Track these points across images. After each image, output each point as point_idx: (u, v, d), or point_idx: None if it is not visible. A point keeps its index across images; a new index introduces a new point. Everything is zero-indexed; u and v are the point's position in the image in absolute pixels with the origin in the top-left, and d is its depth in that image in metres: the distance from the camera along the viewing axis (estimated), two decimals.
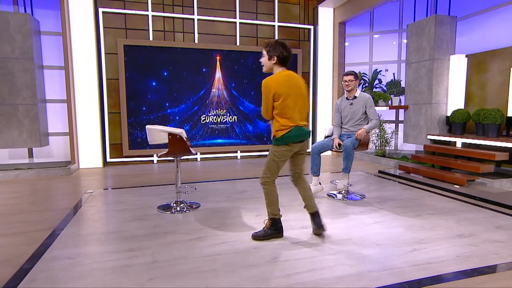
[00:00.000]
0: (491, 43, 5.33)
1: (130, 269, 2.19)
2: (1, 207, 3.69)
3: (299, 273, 2.13)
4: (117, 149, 6.36)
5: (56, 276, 2.12)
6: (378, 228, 2.96)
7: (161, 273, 2.13)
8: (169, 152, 3.29)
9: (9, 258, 2.41)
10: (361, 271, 2.17)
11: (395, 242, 2.63)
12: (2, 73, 5.31)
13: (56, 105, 6.06)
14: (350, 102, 4.02)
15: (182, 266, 2.23)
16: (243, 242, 2.64)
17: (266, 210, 2.76)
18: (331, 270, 2.18)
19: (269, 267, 2.22)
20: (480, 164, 4.42)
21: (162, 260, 2.31)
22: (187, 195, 4.04)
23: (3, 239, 2.76)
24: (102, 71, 6.16)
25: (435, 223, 3.05)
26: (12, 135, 5.44)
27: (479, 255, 2.38)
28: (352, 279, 2.07)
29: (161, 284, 2.00)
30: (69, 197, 4.08)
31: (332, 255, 2.40)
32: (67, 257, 2.38)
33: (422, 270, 2.18)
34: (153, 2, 6.34)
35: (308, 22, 7.43)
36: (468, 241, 2.63)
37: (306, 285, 1.98)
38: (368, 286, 1.98)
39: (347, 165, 3.82)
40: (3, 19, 5.24)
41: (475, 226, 2.98)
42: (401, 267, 2.22)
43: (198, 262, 2.29)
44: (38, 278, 2.10)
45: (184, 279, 2.06)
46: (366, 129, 3.83)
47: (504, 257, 2.36)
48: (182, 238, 2.72)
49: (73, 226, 3.03)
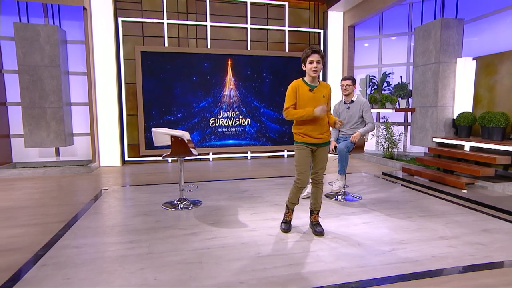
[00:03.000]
0: (501, 45, 5.20)
1: (126, 258, 2.42)
2: (27, 201, 4.06)
3: (276, 267, 2.28)
4: (134, 149, 6.73)
5: (63, 262, 2.38)
6: (365, 228, 3.05)
7: (152, 263, 2.35)
8: (172, 153, 3.53)
9: (27, 245, 2.71)
10: (335, 268, 2.29)
11: (376, 242, 2.72)
12: (33, 80, 5.77)
13: (79, 108, 6.49)
14: (348, 106, 4.10)
15: (173, 258, 2.44)
16: (232, 237, 2.82)
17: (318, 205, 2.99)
18: (307, 265, 2.31)
19: (250, 261, 2.38)
20: (480, 168, 4.36)
21: (156, 252, 2.53)
22: (192, 193, 4.27)
23: (25, 229, 3.09)
24: (121, 76, 6.54)
25: (422, 225, 3.10)
26: (41, 135, 5.90)
27: (455, 257, 2.43)
28: (325, 274, 2.19)
29: (150, 272, 2.22)
30: (87, 193, 4.42)
31: (313, 252, 2.53)
32: (75, 246, 2.65)
33: (394, 268, 2.27)
34: (168, 11, 6.64)
35: (318, 26, 7.49)
36: (449, 243, 2.68)
37: (279, 279, 2.13)
38: (337, 282, 2.10)
39: (341, 167, 3.91)
40: (35, 31, 5.70)
41: (462, 228, 3.00)
42: (375, 265, 2.32)
43: (188, 254, 2.50)
44: (48, 263, 2.37)
45: (171, 269, 2.26)
46: (361, 132, 3.90)
47: (479, 258, 2.40)
48: (178, 232, 2.94)
49: (85, 219, 3.32)
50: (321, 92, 2.81)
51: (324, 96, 2.82)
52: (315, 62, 2.69)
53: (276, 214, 3.42)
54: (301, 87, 2.78)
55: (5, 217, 3.44)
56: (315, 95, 2.78)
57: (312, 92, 2.77)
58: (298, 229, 3.01)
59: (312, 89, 2.78)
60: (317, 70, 2.71)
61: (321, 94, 2.80)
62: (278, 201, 3.94)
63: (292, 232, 2.93)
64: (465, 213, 3.44)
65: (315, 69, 2.70)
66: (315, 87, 2.79)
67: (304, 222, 3.17)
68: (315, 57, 2.69)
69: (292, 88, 2.79)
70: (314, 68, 2.70)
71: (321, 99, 2.80)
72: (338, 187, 3.97)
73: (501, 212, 3.44)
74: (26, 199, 4.16)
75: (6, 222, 3.30)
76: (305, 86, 2.78)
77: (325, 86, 2.87)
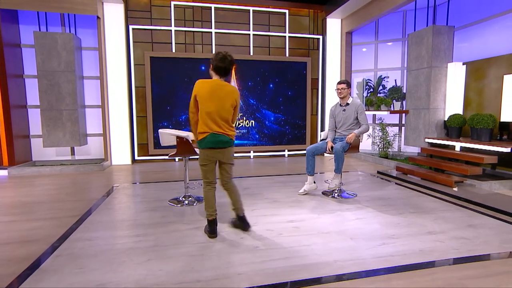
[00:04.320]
0: (489, 51, 5.18)
1: (134, 251, 2.47)
2: (45, 196, 4.14)
3: (273, 260, 2.32)
4: (143, 148, 6.80)
5: (77, 253, 2.44)
6: (358, 224, 3.07)
7: (158, 255, 2.40)
8: (177, 153, 3.57)
9: (44, 237, 2.78)
10: (328, 261, 2.32)
11: (368, 237, 2.74)
12: (51, 84, 5.86)
13: (93, 110, 6.57)
14: (343, 108, 4.11)
15: (177, 250, 2.48)
16: (232, 232, 2.86)
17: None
18: (301, 259, 2.35)
19: (249, 254, 2.42)
20: (469, 167, 4.36)
21: (161, 245, 2.58)
22: (196, 190, 4.31)
23: (42, 222, 3.16)
24: (131, 80, 6.61)
25: (412, 221, 3.11)
26: (58, 135, 5.99)
27: (441, 250, 2.45)
28: (318, 267, 2.22)
29: (155, 264, 2.27)
30: (99, 190, 4.49)
31: (307, 246, 2.56)
32: (87, 239, 2.71)
33: (384, 261, 2.29)
34: (175, 18, 6.69)
35: (317, 32, 7.50)
36: (436, 238, 2.70)
37: (275, 271, 2.17)
38: (330, 273, 2.13)
39: (337, 166, 3.93)
40: (53, 39, 5.79)
41: (449, 224, 3.01)
42: (365, 258, 2.35)
43: (191, 247, 2.54)
44: (62, 254, 2.43)
45: (175, 261, 2.31)
46: (356, 133, 3.91)
47: (463, 252, 2.42)
48: (183, 227, 2.98)
49: (97, 214, 3.38)
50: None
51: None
52: None
53: (275, 210, 3.46)
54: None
55: (25, 211, 3.52)
56: None
57: None
58: (294, 224, 3.04)
59: None
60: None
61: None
62: (278, 198, 3.97)
63: (288, 228, 2.96)
64: (453, 210, 3.45)
65: None
66: None
67: (300, 218, 3.20)
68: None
69: None
70: None
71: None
72: (334, 185, 4.00)
73: (487, 209, 3.45)
74: (44, 194, 4.24)
75: (26, 215, 3.37)
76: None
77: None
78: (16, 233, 2.88)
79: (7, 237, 2.80)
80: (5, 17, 5.74)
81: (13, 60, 5.94)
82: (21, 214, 3.42)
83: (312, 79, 7.50)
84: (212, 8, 6.83)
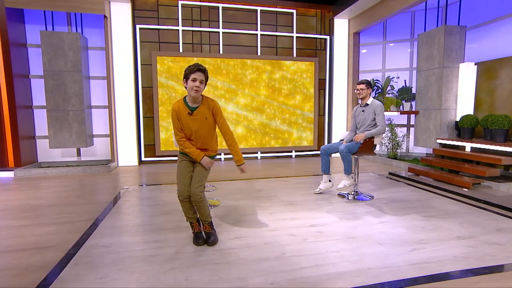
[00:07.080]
0: (501, 51, 5.07)
1: (155, 258, 2.32)
2: (54, 199, 3.97)
3: (303, 268, 2.18)
4: (150, 149, 6.63)
5: (94, 261, 2.28)
6: (382, 228, 2.94)
7: (181, 264, 2.24)
8: None
9: (59, 243, 2.62)
10: (361, 268, 2.18)
11: (396, 242, 2.60)
12: (57, 84, 5.68)
13: (99, 110, 6.39)
14: (362, 109, 3.99)
15: (200, 258, 2.33)
16: (255, 237, 2.71)
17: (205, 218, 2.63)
18: (333, 266, 2.21)
19: (277, 261, 2.28)
20: (486, 168, 4.24)
21: (183, 252, 2.43)
22: (210, 193, 4.16)
23: (55, 227, 2.99)
24: (138, 80, 6.44)
25: (437, 225, 2.98)
26: (64, 136, 5.82)
27: (476, 256, 2.32)
28: (352, 275, 2.09)
29: (181, 273, 2.11)
30: (108, 192, 4.32)
31: (336, 252, 2.42)
32: (104, 245, 2.55)
33: (419, 269, 2.16)
34: (183, 18, 6.53)
35: (325, 33, 7.37)
36: (467, 243, 2.57)
37: (308, 280, 2.03)
38: (365, 283, 1.99)
39: (345, 167, 3.82)
40: (59, 38, 5.61)
41: (476, 228, 2.89)
42: (399, 265, 2.21)
43: (214, 254, 2.39)
44: (80, 262, 2.27)
45: (201, 270, 2.16)
46: (366, 134, 3.79)
47: (501, 259, 2.28)
48: None
49: (110, 218, 3.22)
50: (203, 114, 2.49)
51: (206, 118, 2.50)
52: (198, 81, 2.38)
53: (294, 214, 3.31)
54: (181, 110, 2.48)
55: (36, 215, 3.35)
56: (196, 117, 2.48)
57: (191, 115, 2.48)
58: (317, 229, 2.90)
59: (192, 112, 2.47)
60: (199, 90, 2.39)
61: (203, 116, 2.49)
62: (294, 200, 3.83)
63: (311, 232, 2.82)
64: (476, 213, 3.32)
65: (197, 88, 2.38)
66: (195, 109, 2.48)
67: (322, 222, 3.07)
68: (199, 76, 2.39)
69: (173, 113, 2.49)
70: (196, 87, 2.38)
71: (203, 121, 2.49)
72: (343, 185, 3.87)
73: (509, 211, 3.32)
74: (53, 197, 4.07)
75: (37, 219, 3.21)
76: (185, 109, 2.48)
77: (208, 105, 2.52)
78: (30, 239, 2.72)
79: (21, 243, 2.63)
80: (11, 17, 5.56)
81: (19, 60, 5.76)
82: (33, 218, 3.25)
83: (319, 80, 7.37)
84: (219, 8, 6.68)
